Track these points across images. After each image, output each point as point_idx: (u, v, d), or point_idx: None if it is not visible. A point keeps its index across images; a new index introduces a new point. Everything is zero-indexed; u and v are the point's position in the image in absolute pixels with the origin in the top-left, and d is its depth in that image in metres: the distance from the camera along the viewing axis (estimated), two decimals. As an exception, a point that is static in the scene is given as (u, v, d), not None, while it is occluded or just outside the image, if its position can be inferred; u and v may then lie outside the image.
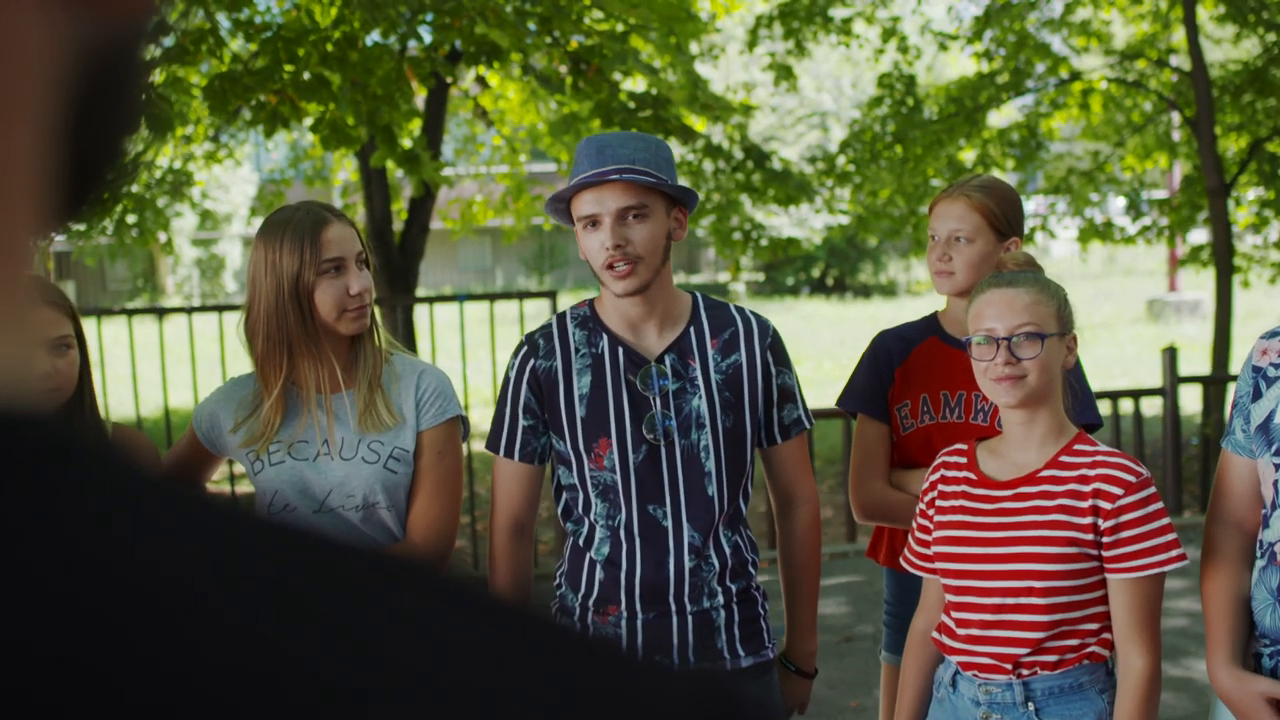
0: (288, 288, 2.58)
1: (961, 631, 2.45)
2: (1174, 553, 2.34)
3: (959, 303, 2.99)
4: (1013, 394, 2.37)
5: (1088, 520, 2.33)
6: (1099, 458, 2.38)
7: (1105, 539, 2.33)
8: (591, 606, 2.62)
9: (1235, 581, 2.49)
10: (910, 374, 3.02)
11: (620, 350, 2.59)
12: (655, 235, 2.50)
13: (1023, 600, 2.37)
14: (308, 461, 2.64)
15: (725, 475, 2.59)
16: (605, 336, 2.60)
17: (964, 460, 2.52)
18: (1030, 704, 2.38)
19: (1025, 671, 2.39)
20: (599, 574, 2.62)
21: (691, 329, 2.62)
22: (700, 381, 2.58)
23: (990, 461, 2.49)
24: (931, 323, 3.09)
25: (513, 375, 2.62)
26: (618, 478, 2.57)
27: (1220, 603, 2.48)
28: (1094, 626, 2.38)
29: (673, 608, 2.57)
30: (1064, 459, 2.39)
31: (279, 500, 2.64)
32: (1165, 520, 2.35)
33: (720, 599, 2.59)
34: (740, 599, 2.63)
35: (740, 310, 2.68)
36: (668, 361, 2.59)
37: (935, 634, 2.54)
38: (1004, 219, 2.94)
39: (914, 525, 2.63)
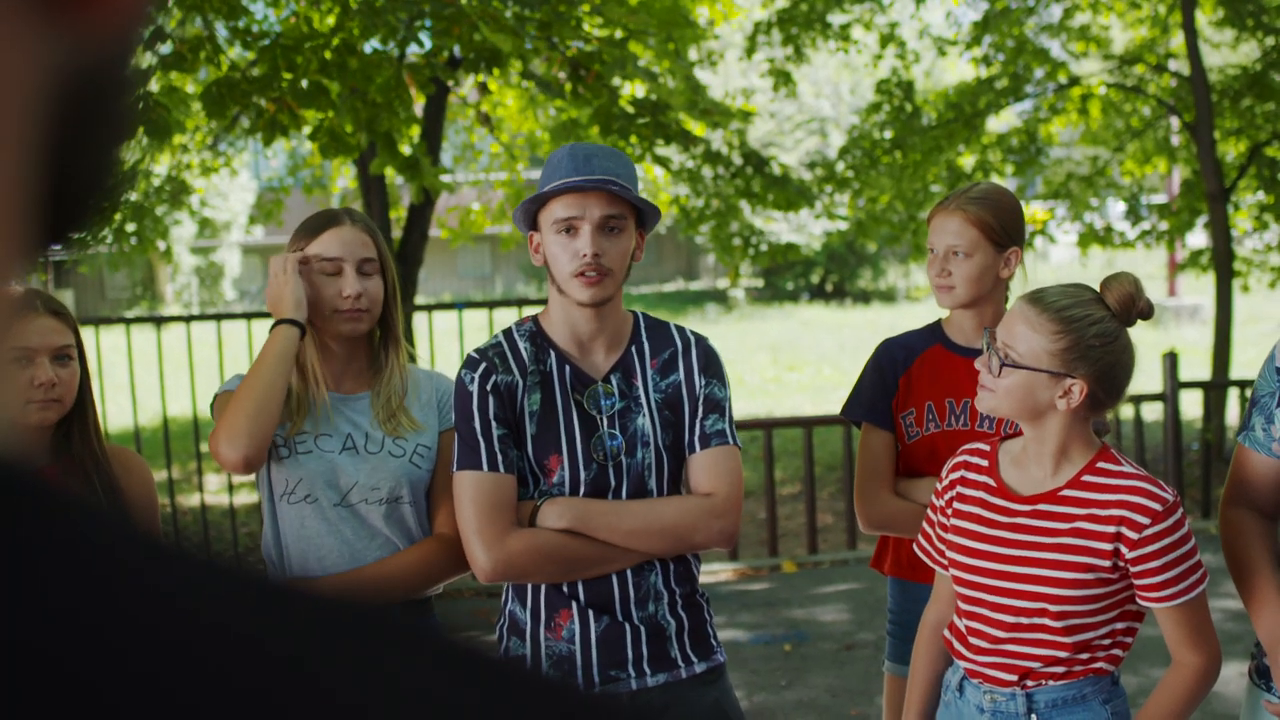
0: None
1: (972, 640, 2.43)
2: (1201, 571, 2.33)
3: (963, 311, 2.98)
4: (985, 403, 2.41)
5: (1109, 547, 2.29)
6: (1123, 480, 2.33)
7: (1133, 568, 2.30)
8: (543, 620, 2.57)
9: (1269, 546, 2.50)
10: (915, 382, 3.00)
11: (568, 368, 2.58)
12: (626, 251, 2.54)
13: (1036, 620, 2.35)
14: (334, 454, 2.68)
15: (666, 492, 2.60)
16: (553, 353, 2.59)
17: (985, 464, 2.49)
18: (1033, 715, 2.37)
19: (1031, 683, 2.37)
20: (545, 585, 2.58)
21: (633, 348, 2.62)
22: (643, 400, 2.59)
23: (1011, 471, 2.45)
24: (935, 330, 3.07)
25: (474, 389, 2.54)
26: (567, 494, 2.55)
27: (1260, 563, 2.47)
28: (1106, 642, 2.37)
29: (619, 613, 2.55)
30: (1086, 478, 2.35)
31: (300, 490, 2.66)
32: (1193, 542, 2.33)
33: (666, 602, 2.58)
34: (686, 605, 2.62)
35: (680, 330, 2.68)
36: (614, 381, 2.59)
37: (946, 633, 2.53)
38: (1002, 230, 2.91)
39: (927, 517, 2.61)
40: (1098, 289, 2.37)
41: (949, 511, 2.52)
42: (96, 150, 0.41)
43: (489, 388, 2.54)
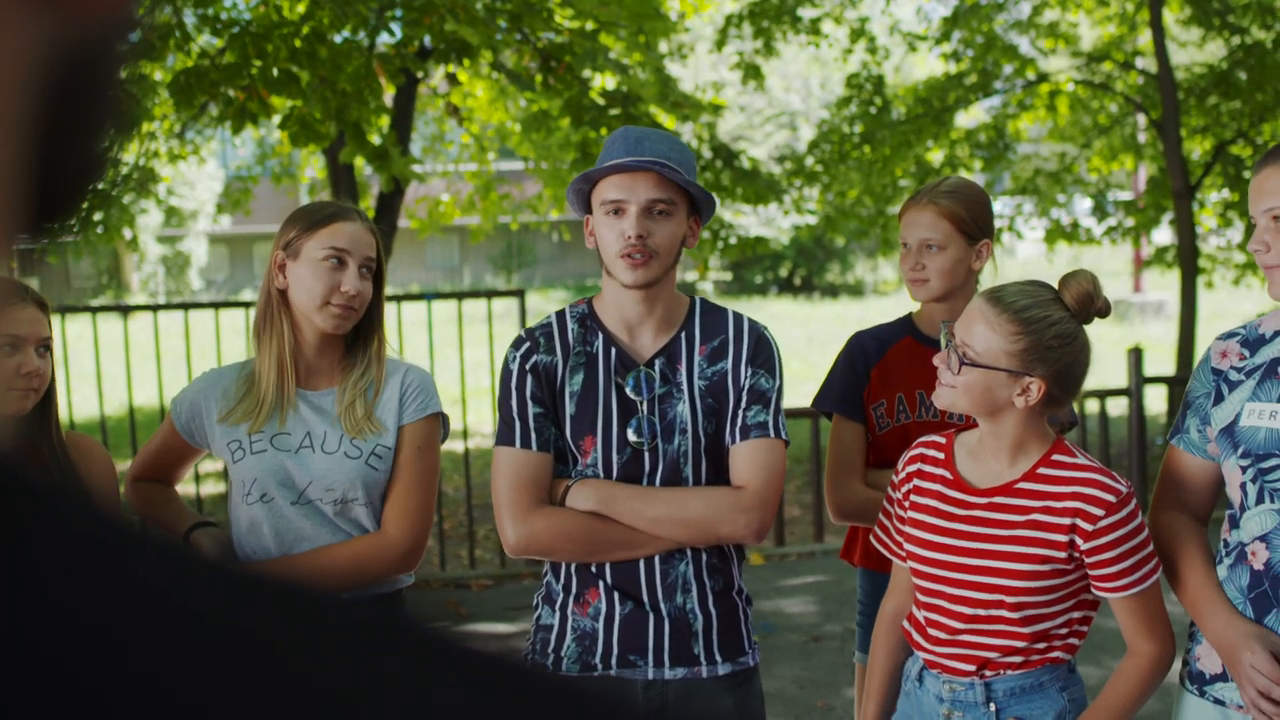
0: (275, 268, 2.67)
1: (931, 631, 2.46)
2: (1155, 561, 2.36)
3: (935, 304, 3.01)
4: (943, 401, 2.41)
5: (1064, 538, 2.31)
6: (1077, 472, 2.35)
7: (1088, 559, 2.32)
8: (573, 594, 2.58)
9: (1205, 549, 2.51)
10: (886, 373, 3.03)
11: (613, 351, 2.58)
12: (674, 235, 2.53)
13: (993, 612, 2.37)
14: (290, 453, 2.65)
15: (704, 481, 2.57)
16: (601, 336, 2.59)
17: (941, 456, 2.50)
18: (991, 704, 2.40)
19: (990, 672, 2.40)
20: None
21: (684, 334, 2.60)
22: (685, 387, 2.57)
23: (968, 463, 2.47)
24: (906, 323, 3.11)
25: (514, 368, 2.58)
26: (600, 476, 2.55)
27: (1199, 566, 2.48)
28: (1063, 631, 2.40)
29: (645, 600, 2.54)
30: (1042, 470, 2.37)
31: (257, 489, 2.65)
32: (1146, 533, 2.36)
33: (695, 594, 2.55)
34: (719, 600, 2.59)
35: (738, 317, 2.64)
36: (656, 366, 2.58)
37: (905, 624, 2.55)
38: (973, 223, 2.96)
39: (884, 508, 2.63)
40: (1056, 286, 2.39)
41: (906, 504, 2.54)
42: (86, 137, 0.41)
43: (528, 367, 2.57)
